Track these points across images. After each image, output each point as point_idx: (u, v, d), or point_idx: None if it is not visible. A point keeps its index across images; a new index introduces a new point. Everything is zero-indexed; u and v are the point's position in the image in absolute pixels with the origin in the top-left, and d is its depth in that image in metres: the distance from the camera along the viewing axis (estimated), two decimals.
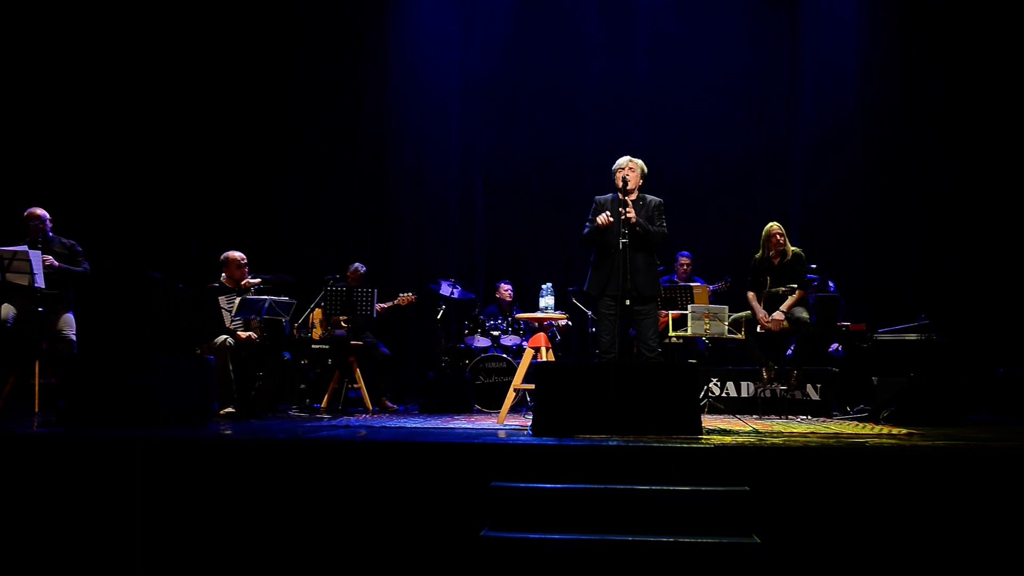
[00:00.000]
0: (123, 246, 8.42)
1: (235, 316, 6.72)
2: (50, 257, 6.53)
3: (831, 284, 7.88)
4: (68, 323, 6.67)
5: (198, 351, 6.66)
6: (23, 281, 6.27)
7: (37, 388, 6.44)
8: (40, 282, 6.29)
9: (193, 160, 9.03)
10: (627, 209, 5.79)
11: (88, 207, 8.28)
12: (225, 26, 9.18)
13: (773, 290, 6.82)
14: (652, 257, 6.09)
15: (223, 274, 6.99)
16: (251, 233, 8.80)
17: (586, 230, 6.13)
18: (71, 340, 6.63)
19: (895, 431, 5.46)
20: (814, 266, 7.66)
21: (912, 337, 7.08)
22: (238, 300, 6.68)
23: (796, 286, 6.78)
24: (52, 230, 6.76)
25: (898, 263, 8.93)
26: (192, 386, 5.50)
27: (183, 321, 7.07)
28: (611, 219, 5.86)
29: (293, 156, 9.47)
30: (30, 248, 6.42)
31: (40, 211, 6.72)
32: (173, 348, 7.40)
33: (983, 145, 8.67)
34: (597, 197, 6.20)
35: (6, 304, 6.50)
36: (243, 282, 6.95)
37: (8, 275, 6.25)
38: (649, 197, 6.14)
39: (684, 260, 8.30)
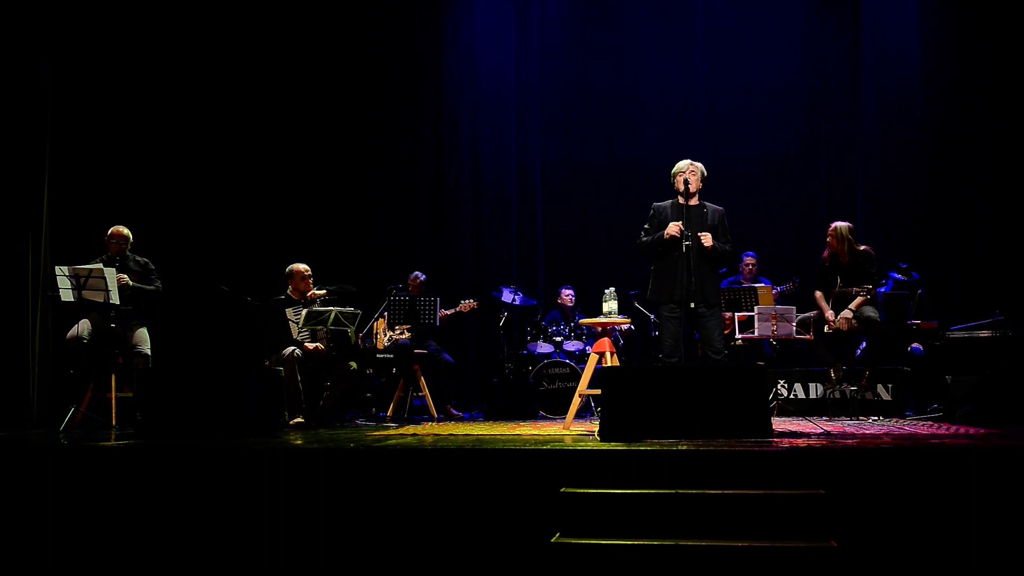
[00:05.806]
0: (192, 260, 8.59)
1: (302, 327, 6.83)
2: (125, 276, 6.66)
3: (920, 291, 7.65)
4: (143, 338, 6.82)
5: (267, 363, 6.78)
6: (98, 298, 6.43)
7: (114, 401, 6.57)
8: (115, 299, 6.46)
9: (255, 173, 9.17)
10: (704, 237, 5.78)
11: (163, 222, 8.44)
12: (290, 41, 9.34)
13: (843, 289, 6.70)
14: (716, 263, 6.02)
15: (288, 286, 7.10)
16: (313, 244, 8.93)
17: (644, 237, 6.03)
18: (146, 354, 6.77)
19: (972, 431, 5.33)
20: (904, 265, 7.48)
21: (986, 334, 6.90)
22: (304, 312, 6.79)
23: (871, 286, 6.64)
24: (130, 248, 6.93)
25: (970, 258, 8.69)
26: (262, 397, 5.62)
27: (252, 334, 7.20)
28: (684, 229, 5.74)
29: (354, 168, 9.57)
30: (108, 265, 6.60)
31: (124, 230, 6.89)
32: (243, 360, 7.56)
33: None
34: (655, 204, 6.10)
35: (83, 320, 6.67)
36: (308, 293, 7.06)
37: (84, 292, 6.42)
38: (710, 205, 6.02)
39: (749, 260, 8.18)
